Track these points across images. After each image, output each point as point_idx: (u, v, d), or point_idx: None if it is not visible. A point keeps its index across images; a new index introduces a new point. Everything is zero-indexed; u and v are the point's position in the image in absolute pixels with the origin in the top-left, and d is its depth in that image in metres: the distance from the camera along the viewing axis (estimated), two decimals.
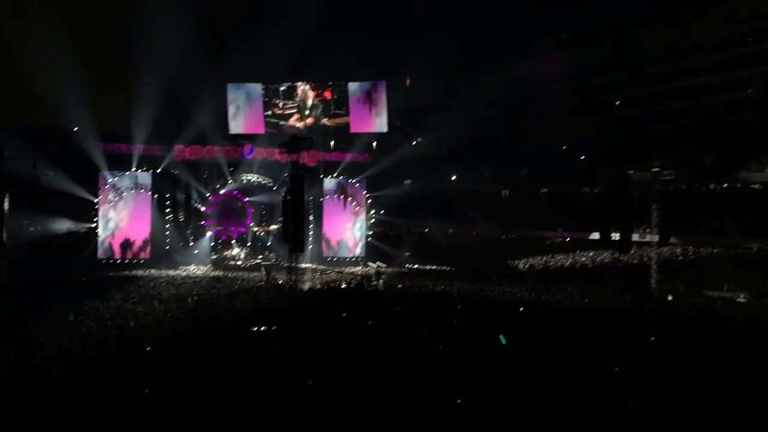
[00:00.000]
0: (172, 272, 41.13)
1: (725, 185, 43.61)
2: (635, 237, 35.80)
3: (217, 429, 11.73)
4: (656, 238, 34.56)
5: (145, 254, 45.03)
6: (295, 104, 50.99)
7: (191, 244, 47.75)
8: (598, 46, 50.55)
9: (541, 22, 53.96)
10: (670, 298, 31.69)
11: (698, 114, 46.34)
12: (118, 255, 44.59)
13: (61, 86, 38.99)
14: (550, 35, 55.93)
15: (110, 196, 44.99)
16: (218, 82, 49.36)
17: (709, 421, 12.72)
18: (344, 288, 34.77)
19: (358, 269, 45.15)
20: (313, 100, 50.97)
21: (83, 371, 15.83)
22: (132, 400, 13.07)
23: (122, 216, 45.07)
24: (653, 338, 20.20)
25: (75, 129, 43.65)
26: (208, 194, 48.66)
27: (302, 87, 50.82)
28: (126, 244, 44.92)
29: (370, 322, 22.68)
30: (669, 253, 38.40)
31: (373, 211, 51.20)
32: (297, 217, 30.77)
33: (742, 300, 31.09)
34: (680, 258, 38.68)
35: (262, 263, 46.61)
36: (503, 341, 19.34)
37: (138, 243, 45.14)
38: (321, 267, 46.15)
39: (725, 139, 42.69)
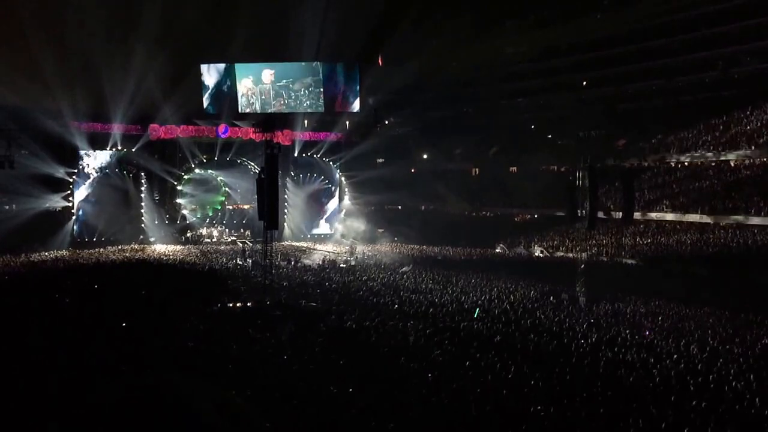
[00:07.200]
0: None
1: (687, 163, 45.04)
2: (600, 214, 37.19)
3: None
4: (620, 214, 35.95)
5: (120, 232, 45.29)
6: (270, 84, 51.27)
7: (166, 222, 48.25)
8: (564, 28, 51.49)
9: (509, 4, 54.78)
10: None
11: (662, 94, 47.77)
12: (92, 233, 44.87)
13: (36, 66, 39.06)
14: (518, 17, 56.75)
15: (86, 175, 45.31)
16: (194, 62, 49.47)
17: None
18: (319, 264, 35.67)
19: (333, 245, 46.03)
20: (286, 80, 51.27)
21: None
22: None
23: (97, 194, 45.40)
24: None
25: (50, 108, 43.62)
26: (183, 173, 49.09)
27: (276, 66, 51.10)
28: (101, 223, 45.21)
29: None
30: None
31: (347, 189, 52.01)
32: (272, 195, 31.49)
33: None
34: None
35: (238, 241, 47.26)
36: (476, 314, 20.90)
37: (112, 221, 45.41)
38: (296, 244, 46.93)
39: (690, 118, 44.12)
